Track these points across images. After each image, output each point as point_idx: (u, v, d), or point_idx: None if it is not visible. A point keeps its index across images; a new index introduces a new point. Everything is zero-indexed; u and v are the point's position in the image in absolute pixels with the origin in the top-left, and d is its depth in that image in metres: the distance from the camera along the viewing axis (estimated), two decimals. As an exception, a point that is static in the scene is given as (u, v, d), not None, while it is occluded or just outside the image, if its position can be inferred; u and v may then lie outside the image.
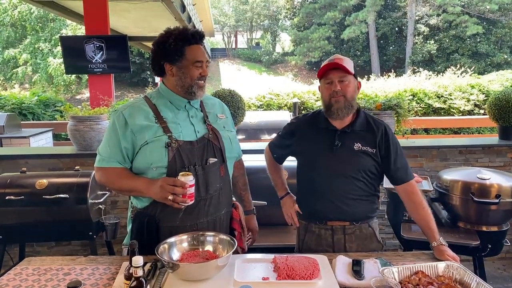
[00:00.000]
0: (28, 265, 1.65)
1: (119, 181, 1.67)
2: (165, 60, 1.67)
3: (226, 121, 1.86)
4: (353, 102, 1.83)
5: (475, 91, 9.43)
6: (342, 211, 1.86)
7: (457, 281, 1.42)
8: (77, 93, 25.50)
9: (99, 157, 1.71)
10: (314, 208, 1.93)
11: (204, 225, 1.69)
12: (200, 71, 1.68)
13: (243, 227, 1.87)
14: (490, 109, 3.66)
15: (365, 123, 1.89)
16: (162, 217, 1.65)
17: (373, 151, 1.83)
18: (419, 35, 27.15)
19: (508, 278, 3.36)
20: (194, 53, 1.66)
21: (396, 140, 1.89)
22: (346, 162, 1.83)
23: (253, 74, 31.59)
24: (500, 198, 2.41)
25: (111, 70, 7.53)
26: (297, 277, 1.46)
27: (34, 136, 5.18)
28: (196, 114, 1.75)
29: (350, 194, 1.84)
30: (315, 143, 1.90)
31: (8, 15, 24.75)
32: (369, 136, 1.85)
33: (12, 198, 2.57)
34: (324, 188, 1.87)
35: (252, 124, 5.92)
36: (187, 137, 1.66)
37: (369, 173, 1.85)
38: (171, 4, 8.47)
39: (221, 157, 1.73)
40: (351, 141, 1.84)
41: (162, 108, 1.69)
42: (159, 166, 1.60)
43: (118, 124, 1.65)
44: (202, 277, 1.46)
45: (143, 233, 1.65)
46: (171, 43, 1.63)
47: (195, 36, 1.66)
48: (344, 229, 1.88)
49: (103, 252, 3.25)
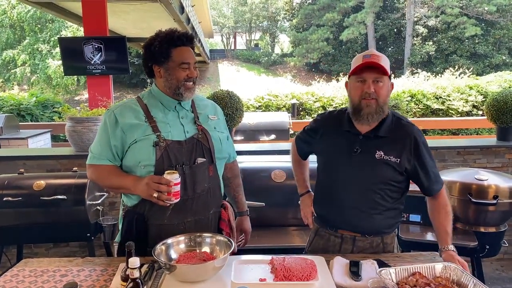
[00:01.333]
0: (25, 267, 1.65)
1: (109, 178, 1.70)
2: (152, 62, 1.70)
3: (218, 122, 1.87)
4: (385, 106, 1.65)
5: (473, 92, 9.47)
6: (353, 223, 1.75)
7: (455, 282, 1.42)
8: (76, 94, 25.49)
9: (91, 154, 1.74)
10: (325, 214, 1.84)
11: (192, 224, 1.71)
12: (187, 73, 1.68)
13: (232, 228, 1.87)
14: (488, 110, 3.67)
15: (392, 127, 1.69)
16: (151, 215, 1.67)
17: (396, 161, 1.64)
18: (417, 37, 27.21)
19: (506, 279, 3.36)
20: (180, 55, 1.67)
21: (427, 147, 1.69)
22: (364, 171, 1.67)
23: (252, 75, 31.61)
24: (498, 199, 2.42)
25: (109, 71, 7.52)
26: (294, 278, 1.45)
27: (32, 137, 5.19)
28: (186, 115, 1.77)
29: (364, 206, 1.70)
30: (335, 146, 1.75)
31: (7, 16, 24.73)
32: (394, 144, 1.66)
33: (10, 199, 2.57)
34: (337, 196, 1.75)
35: (250, 125, 5.93)
36: (176, 136, 1.68)
37: (390, 186, 1.68)
38: (170, 5, 8.48)
39: (210, 157, 1.74)
40: (373, 148, 1.67)
41: (152, 108, 1.71)
42: (147, 164, 1.62)
43: (109, 123, 1.67)
44: (199, 279, 1.45)
45: (132, 231, 1.67)
46: (157, 45, 1.65)
47: (182, 38, 1.67)
48: (354, 240, 1.77)
49: (101, 254, 3.24)
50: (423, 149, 1.66)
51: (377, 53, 1.63)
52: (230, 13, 38.63)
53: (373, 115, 1.62)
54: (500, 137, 3.71)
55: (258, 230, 2.54)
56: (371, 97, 1.60)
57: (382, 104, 1.63)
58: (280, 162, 2.99)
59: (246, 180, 2.62)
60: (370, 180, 1.68)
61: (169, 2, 8.16)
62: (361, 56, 1.64)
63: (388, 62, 1.64)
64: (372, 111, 1.61)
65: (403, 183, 1.72)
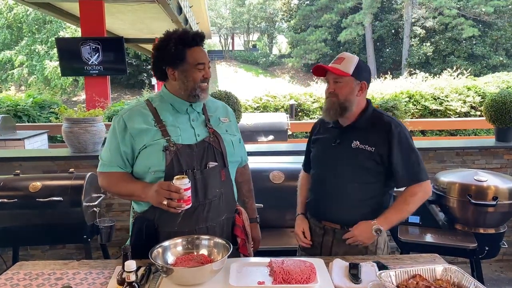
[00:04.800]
0: (19, 270, 1.62)
1: (118, 186, 1.66)
2: (166, 64, 1.64)
3: (230, 124, 1.81)
4: (347, 103, 1.76)
5: (471, 93, 9.47)
6: (333, 212, 1.84)
7: (455, 285, 1.41)
8: (74, 95, 25.44)
9: (101, 162, 1.70)
10: (312, 202, 1.95)
11: (204, 231, 1.65)
12: (203, 73, 1.64)
13: (247, 234, 1.82)
14: (486, 111, 3.66)
15: (372, 121, 1.80)
16: (161, 222, 1.63)
17: (371, 149, 1.74)
18: (415, 37, 27.26)
19: (505, 280, 3.36)
20: (195, 55, 1.63)
21: (406, 140, 1.75)
22: (343, 160, 1.79)
23: (250, 76, 31.60)
24: (497, 200, 2.41)
25: (107, 72, 7.51)
26: (293, 281, 1.43)
27: (29, 138, 5.15)
28: (197, 118, 1.72)
29: (344, 197, 1.80)
30: (320, 141, 1.92)
31: (4, 17, 24.66)
32: (371, 134, 1.77)
33: (5, 201, 2.54)
34: (320, 187, 1.88)
35: (248, 126, 5.91)
36: (186, 140, 1.63)
37: (368, 176, 1.77)
38: (168, 6, 8.45)
39: (222, 161, 1.69)
40: (351, 138, 1.78)
41: (162, 111, 1.67)
42: (157, 170, 1.58)
43: (118, 129, 1.64)
44: (196, 282, 1.43)
45: (142, 237, 1.63)
46: (172, 47, 1.60)
47: (196, 38, 1.63)
48: (334, 232, 1.85)
49: (97, 256, 3.21)
50: (397, 140, 1.73)
51: (344, 55, 1.78)
52: (228, 14, 38.60)
53: (335, 110, 1.76)
54: (498, 138, 3.71)
55: (256, 232, 2.53)
56: (332, 95, 1.77)
57: (343, 101, 1.76)
58: (279, 163, 2.97)
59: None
60: (348, 169, 1.79)
61: (167, 2, 8.14)
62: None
63: (353, 63, 1.74)
64: (330, 107, 1.77)
65: (382, 174, 1.78)
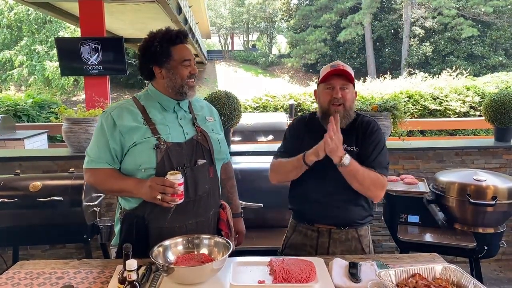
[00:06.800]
0: (20, 269, 1.63)
1: (109, 182, 1.67)
2: (153, 63, 1.68)
3: (215, 123, 1.87)
4: (351, 111, 1.80)
5: (470, 93, 9.49)
6: (327, 215, 1.85)
7: (454, 284, 1.41)
8: (73, 95, 25.42)
9: (88, 158, 1.70)
10: (302, 209, 1.92)
11: (193, 226, 1.70)
12: (190, 69, 1.69)
13: (230, 228, 1.87)
14: (486, 110, 3.67)
15: (355, 124, 1.83)
16: (152, 218, 1.65)
17: (356, 150, 1.79)
18: (414, 37, 27.29)
19: (504, 279, 3.37)
20: (180, 52, 1.67)
21: (379, 138, 1.81)
22: (333, 163, 1.72)
23: (249, 76, 31.59)
24: (496, 200, 2.41)
25: (106, 72, 7.50)
26: (293, 280, 1.44)
27: (29, 138, 5.15)
28: (184, 116, 1.76)
29: (336, 197, 1.81)
30: (308, 146, 1.79)
31: (4, 16, 24.63)
32: (354, 135, 1.81)
33: (6, 201, 2.54)
34: (311, 192, 1.85)
35: (248, 126, 5.92)
36: (175, 138, 1.67)
37: None
38: (167, 6, 8.45)
39: (210, 159, 1.74)
40: None
41: (150, 109, 1.69)
42: (148, 167, 1.61)
43: (106, 125, 1.65)
44: (197, 281, 1.44)
45: (132, 234, 1.65)
46: (157, 46, 1.64)
47: (179, 35, 1.68)
48: (330, 232, 1.86)
49: (98, 255, 3.22)
50: (375, 136, 1.79)
51: (343, 64, 1.80)
52: (228, 14, 38.61)
53: (341, 120, 1.73)
54: (497, 138, 3.71)
55: (256, 231, 2.53)
56: (339, 102, 1.75)
57: (349, 109, 1.78)
58: (278, 163, 2.97)
59: (244, 181, 2.61)
60: (338, 172, 1.73)
61: (166, 2, 8.13)
62: (328, 66, 1.80)
63: (353, 72, 1.79)
64: (340, 116, 1.73)
65: None
